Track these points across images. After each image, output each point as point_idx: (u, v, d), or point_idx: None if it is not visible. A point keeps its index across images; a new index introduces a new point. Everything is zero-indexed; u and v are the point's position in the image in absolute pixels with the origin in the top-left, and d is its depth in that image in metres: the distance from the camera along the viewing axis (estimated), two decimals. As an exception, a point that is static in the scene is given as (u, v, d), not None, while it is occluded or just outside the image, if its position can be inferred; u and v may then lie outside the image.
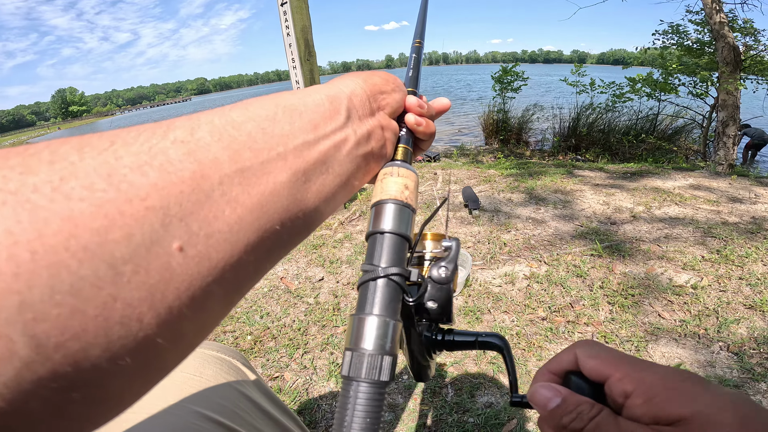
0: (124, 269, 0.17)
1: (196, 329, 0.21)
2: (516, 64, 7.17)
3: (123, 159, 0.19)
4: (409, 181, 0.33)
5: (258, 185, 0.23)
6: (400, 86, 0.37)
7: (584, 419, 0.27)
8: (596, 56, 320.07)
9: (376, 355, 0.25)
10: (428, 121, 0.38)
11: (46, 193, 0.16)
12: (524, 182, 3.35)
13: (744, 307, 1.65)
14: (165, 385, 0.51)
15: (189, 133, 0.22)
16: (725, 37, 4.76)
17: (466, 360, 1.46)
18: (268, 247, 0.24)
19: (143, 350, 0.18)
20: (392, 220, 0.30)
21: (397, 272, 0.28)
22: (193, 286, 0.19)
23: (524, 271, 2.00)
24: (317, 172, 0.27)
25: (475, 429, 1.20)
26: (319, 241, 2.44)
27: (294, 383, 1.41)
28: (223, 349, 0.62)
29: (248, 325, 1.73)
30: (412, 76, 0.43)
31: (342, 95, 0.31)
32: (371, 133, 0.32)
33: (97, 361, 0.16)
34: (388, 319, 0.26)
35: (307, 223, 0.27)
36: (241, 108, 0.26)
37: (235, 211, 0.21)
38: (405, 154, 0.36)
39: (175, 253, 0.19)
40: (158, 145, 0.20)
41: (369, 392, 0.24)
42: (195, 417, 0.47)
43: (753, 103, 6.35)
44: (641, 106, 6.59)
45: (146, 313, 0.18)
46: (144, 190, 0.18)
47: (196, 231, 0.20)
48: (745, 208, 2.64)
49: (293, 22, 2.33)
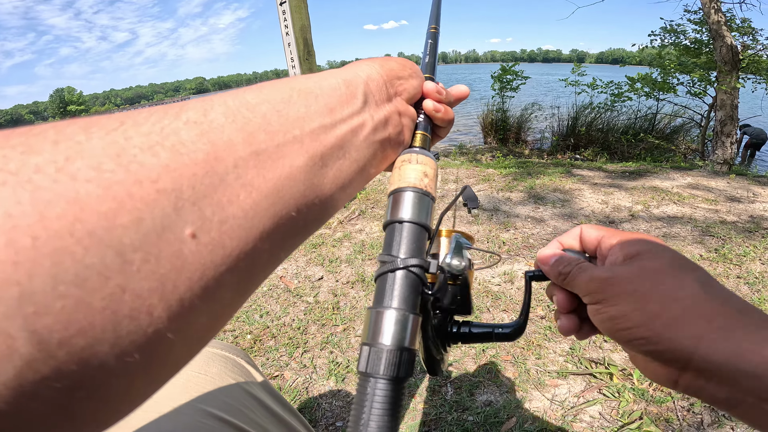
0: (133, 257, 0.15)
1: (207, 323, 0.20)
2: (516, 63, 7.17)
3: (133, 139, 0.17)
4: (428, 168, 0.32)
5: (274, 169, 0.22)
6: (418, 72, 0.37)
7: (572, 265, 0.36)
8: (595, 55, 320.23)
9: (395, 350, 0.24)
10: (447, 108, 0.38)
11: (50, 174, 0.15)
12: (523, 181, 3.35)
13: (742, 306, 1.65)
14: (171, 383, 0.50)
15: (202, 114, 0.21)
16: (723, 37, 4.76)
17: (466, 358, 1.46)
18: (284, 235, 0.23)
19: (153, 346, 0.17)
20: (411, 208, 0.29)
21: (417, 263, 0.27)
22: (206, 276, 0.18)
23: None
24: (334, 157, 0.26)
25: (474, 427, 1.20)
26: (319, 240, 2.44)
27: (294, 382, 1.41)
28: (227, 347, 0.62)
29: (248, 324, 1.73)
30: (428, 62, 0.42)
31: (358, 79, 0.30)
32: (388, 119, 0.31)
33: (104, 359, 0.15)
34: (408, 312, 0.25)
35: (324, 210, 0.26)
36: (255, 90, 0.25)
37: (251, 195, 0.20)
38: (423, 140, 0.35)
39: (187, 239, 0.17)
40: (170, 126, 0.19)
41: (388, 389, 0.23)
42: (201, 415, 0.47)
43: (754, 102, 6.36)
44: (640, 106, 6.60)
45: (157, 305, 0.16)
46: (155, 171, 0.17)
47: (209, 216, 0.18)
48: (743, 207, 2.65)
49: (292, 21, 2.33)
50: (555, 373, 1.38)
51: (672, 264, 0.31)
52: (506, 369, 1.41)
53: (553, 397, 1.29)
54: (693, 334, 0.28)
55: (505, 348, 1.50)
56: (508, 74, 7.03)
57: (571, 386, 1.33)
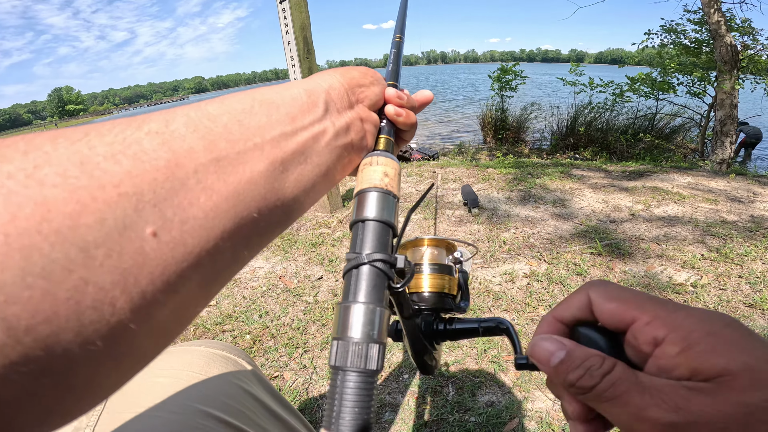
0: (96, 253, 0.17)
1: (172, 316, 0.21)
2: (516, 63, 7.17)
3: (96, 148, 0.19)
4: (389, 168, 0.33)
5: (234, 174, 0.23)
6: (379, 79, 0.38)
7: (595, 376, 0.23)
8: (594, 55, 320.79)
9: (362, 343, 0.25)
10: (408, 112, 0.39)
11: (20, 180, 0.16)
12: (523, 181, 3.34)
13: (744, 306, 1.65)
14: (171, 384, 0.51)
15: (164, 125, 0.22)
16: (723, 37, 4.76)
17: (467, 358, 1.45)
18: (246, 235, 0.24)
19: (116, 335, 0.18)
20: (374, 207, 0.31)
21: (381, 258, 0.27)
22: (167, 271, 0.19)
23: (524, 270, 1.99)
24: (295, 162, 0.27)
25: (476, 428, 1.19)
26: (318, 239, 2.43)
27: (294, 382, 1.40)
28: (227, 348, 0.62)
29: (247, 324, 1.72)
30: (392, 70, 0.44)
31: (320, 89, 0.31)
32: (350, 125, 0.32)
33: (68, 346, 0.16)
34: (374, 306, 0.26)
35: (286, 212, 0.27)
36: (217, 102, 0.26)
37: (211, 198, 0.22)
38: (387, 144, 0.37)
39: (148, 237, 0.19)
40: (132, 136, 0.20)
41: (357, 381, 0.23)
42: (201, 416, 0.47)
43: (754, 102, 6.37)
44: (639, 105, 6.60)
45: (119, 297, 0.17)
46: (117, 177, 0.18)
47: (170, 217, 0.20)
48: (744, 207, 2.65)
49: (292, 19, 2.32)
50: (557, 374, 1.37)
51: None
52: (508, 369, 1.40)
53: (556, 399, 1.28)
54: None
55: (506, 348, 1.49)
56: (508, 74, 7.03)
57: (574, 387, 1.32)
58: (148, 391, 0.49)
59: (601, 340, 0.26)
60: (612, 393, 0.22)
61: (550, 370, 0.26)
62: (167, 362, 0.55)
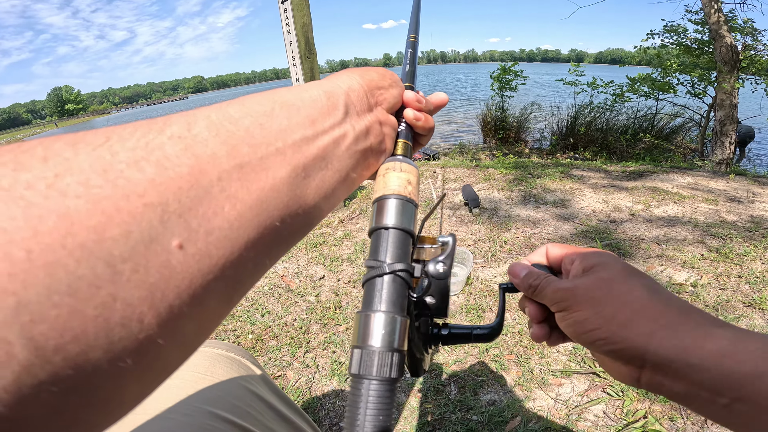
0: (123, 268, 0.16)
1: (197, 328, 0.21)
2: (515, 63, 7.17)
3: (119, 154, 0.18)
4: (411, 176, 0.33)
5: (257, 181, 0.23)
6: (398, 81, 0.37)
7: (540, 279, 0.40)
8: (594, 55, 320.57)
9: (385, 352, 0.25)
10: (427, 116, 0.38)
11: (41, 190, 0.15)
12: (523, 181, 3.35)
13: (743, 305, 1.66)
14: (177, 386, 0.51)
15: (186, 128, 0.21)
16: (723, 37, 4.77)
17: (469, 357, 1.46)
18: (268, 244, 0.24)
19: (144, 351, 0.17)
20: (396, 215, 0.30)
21: (403, 268, 0.28)
22: (194, 284, 0.19)
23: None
24: (317, 168, 0.27)
25: (478, 427, 1.20)
26: (320, 239, 2.44)
27: (296, 382, 1.41)
28: (232, 349, 0.62)
29: (249, 324, 1.73)
30: (408, 71, 0.43)
31: (339, 91, 0.31)
32: (370, 129, 0.32)
33: (98, 364, 0.16)
34: (396, 315, 0.26)
35: (307, 219, 0.27)
36: (237, 104, 0.25)
37: (235, 207, 0.21)
38: (405, 148, 0.36)
39: (174, 250, 0.18)
40: (155, 141, 0.20)
41: (380, 390, 0.24)
42: (208, 417, 0.47)
43: (754, 102, 6.37)
44: (639, 105, 6.61)
45: (147, 312, 0.17)
46: (141, 186, 0.18)
47: (195, 228, 0.19)
48: (744, 207, 2.66)
49: (294, 19, 2.33)
50: (559, 372, 1.38)
51: (622, 273, 0.36)
52: (510, 368, 1.41)
53: (557, 396, 1.29)
54: (643, 332, 0.32)
55: (508, 347, 1.50)
56: (508, 74, 7.03)
57: (575, 385, 1.33)
58: (157, 394, 0.49)
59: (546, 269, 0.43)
60: (544, 284, 0.39)
61: (519, 281, 0.42)
62: None
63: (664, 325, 0.31)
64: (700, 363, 0.28)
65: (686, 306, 0.33)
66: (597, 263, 0.38)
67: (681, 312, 0.32)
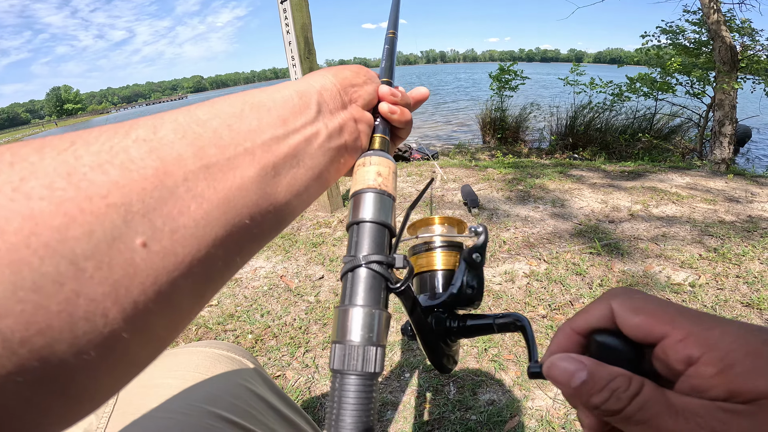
0: (85, 265, 0.17)
1: (165, 324, 0.21)
2: (514, 62, 7.17)
3: (83, 158, 0.19)
4: (382, 167, 0.33)
5: (224, 180, 0.23)
6: (373, 78, 0.37)
7: (622, 399, 0.21)
8: (593, 55, 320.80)
9: (362, 346, 0.25)
10: (402, 109, 0.38)
11: (7, 193, 0.16)
12: (522, 180, 3.36)
13: (741, 305, 1.66)
14: (177, 385, 0.51)
15: (152, 131, 0.22)
16: (722, 37, 4.78)
17: (468, 357, 1.47)
18: (238, 242, 0.24)
19: (110, 345, 0.18)
20: (370, 208, 0.30)
21: (378, 260, 0.27)
22: (159, 281, 0.19)
23: (524, 269, 2.00)
24: (287, 166, 0.27)
25: (477, 426, 1.20)
26: (319, 239, 2.44)
27: (296, 382, 1.41)
28: (232, 348, 0.63)
29: (249, 324, 1.73)
30: (386, 66, 0.43)
31: (312, 90, 0.31)
32: (343, 126, 0.32)
33: (63, 356, 0.16)
34: (372, 308, 0.26)
35: (279, 217, 0.27)
36: (207, 106, 0.26)
37: (201, 206, 0.22)
38: (382, 143, 0.36)
39: (138, 248, 0.19)
40: (120, 144, 0.20)
41: (358, 384, 0.24)
42: (209, 417, 0.47)
43: (753, 103, 6.38)
44: (638, 105, 6.61)
45: (111, 308, 0.18)
46: (105, 187, 0.18)
47: (160, 227, 0.20)
48: (742, 207, 2.66)
49: (293, 19, 2.33)
50: (557, 373, 1.38)
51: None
52: (508, 368, 1.41)
53: (556, 396, 1.29)
54: None
55: (507, 347, 1.50)
56: (507, 74, 7.03)
57: (573, 385, 1.33)
58: (157, 393, 0.49)
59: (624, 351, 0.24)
60: (642, 416, 0.21)
61: (570, 391, 0.24)
62: (174, 364, 0.55)
63: None
64: None
65: None
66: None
67: None
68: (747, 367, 0.19)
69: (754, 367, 0.19)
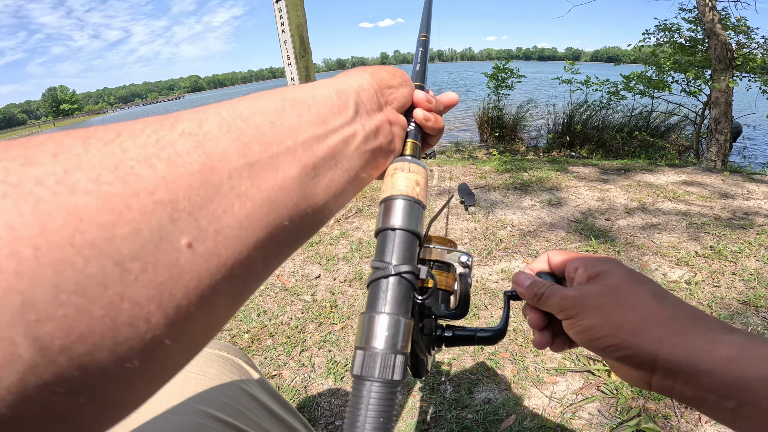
0: (131, 266, 0.16)
1: (203, 328, 0.20)
2: (509, 60, 7.18)
3: (130, 151, 0.18)
4: (419, 177, 0.33)
5: (267, 179, 0.22)
6: (408, 81, 0.37)
7: (544, 287, 0.40)
8: (590, 53, 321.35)
9: (388, 354, 0.25)
10: (437, 116, 0.38)
11: (50, 186, 0.15)
12: (519, 178, 3.36)
13: (737, 302, 1.67)
14: (169, 384, 0.50)
15: (197, 125, 0.21)
16: (718, 35, 4.79)
17: (464, 356, 1.46)
18: (277, 244, 0.23)
19: (151, 352, 0.17)
20: (403, 216, 0.30)
21: (409, 270, 0.27)
22: (202, 284, 0.19)
23: (521, 267, 2.00)
24: (326, 167, 0.26)
25: (473, 425, 1.20)
26: (315, 238, 2.43)
27: (292, 381, 1.40)
28: (225, 348, 0.62)
29: (245, 323, 1.72)
30: (419, 71, 0.42)
31: (350, 89, 0.30)
32: (379, 128, 0.31)
33: (104, 364, 0.15)
34: (400, 317, 0.26)
35: (316, 219, 0.26)
36: (249, 101, 0.25)
37: (245, 206, 0.21)
38: (414, 149, 0.36)
39: (183, 249, 0.18)
40: (166, 137, 0.19)
41: (382, 392, 0.24)
42: (200, 416, 0.47)
43: (750, 100, 6.40)
44: (635, 104, 6.63)
45: (154, 312, 0.17)
46: (152, 183, 0.17)
47: (205, 226, 0.19)
48: (738, 204, 2.67)
49: (288, 19, 2.32)
50: (553, 371, 1.38)
51: (628, 279, 0.36)
52: (505, 367, 1.41)
53: (552, 395, 1.29)
54: (653, 338, 0.32)
55: (503, 346, 1.50)
56: (502, 72, 7.04)
57: (570, 383, 1.33)
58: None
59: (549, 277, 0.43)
60: (549, 292, 0.39)
61: (524, 289, 0.42)
62: None
63: (674, 330, 0.32)
64: (709, 368, 0.29)
65: (695, 312, 0.33)
66: (602, 270, 0.38)
67: (690, 317, 0.33)
68: (596, 265, 0.39)
69: (599, 264, 0.39)
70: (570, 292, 0.38)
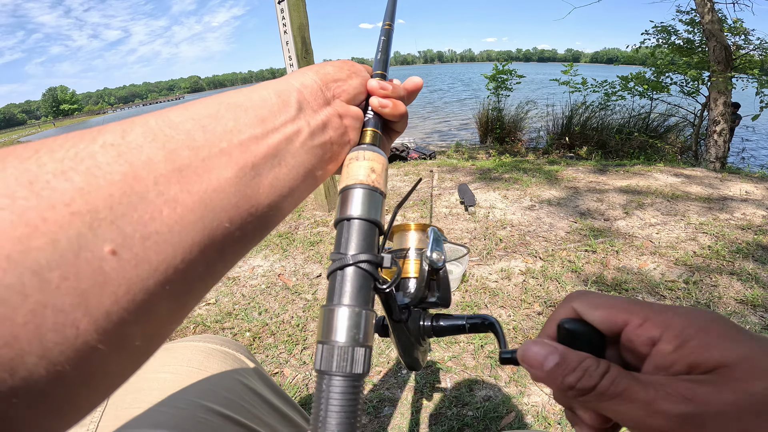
0: (50, 276, 0.17)
1: (144, 334, 0.20)
2: (507, 62, 7.20)
3: (46, 166, 0.18)
4: (375, 163, 0.32)
5: (199, 183, 0.22)
6: (358, 71, 0.37)
7: (594, 375, 0.23)
8: (590, 55, 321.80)
9: (348, 347, 0.24)
10: (395, 102, 0.37)
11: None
12: (519, 179, 3.37)
13: (735, 302, 1.68)
14: (170, 380, 0.51)
15: (120, 136, 0.21)
16: (716, 37, 4.81)
17: (465, 354, 1.48)
18: (219, 247, 0.23)
19: (84, 357, 0.18)
20: (360, 205, 0.29)
21: (366, 259, 0.27)
22: (132, 290, 0.19)
23: (520, 267, 2.02)
24: (268, 166, 0.26)
25: (474, 422, 1.21)
26: (316, 237, 2.45)
27: (293, 379, 1.42)
28: (226, 343, 0.62)
29: (246, 322, 1.74)
30: (381, 59, 0.42)
31: (291, 88, 0.30)
32: (327, 123, 0.31)
33: (33, 368, 0.16)
34: (359, 308, 0.25)
35: (263, 218, 0.26)
36: (180, 108, 0.25)
37: (175, 210, 0.21)
38: (373, 137, 0.35)
39: (107, 256, 0.18)
40: (85, 150, 0.20)
41: (343, 386, 0.23)
42: (202, 410, 0.47)
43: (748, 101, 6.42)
44: (634, 105, 6.64)
45: (81, 318, 0.17)
46: (68, 195, 0.18)
47: (130, 233, 0.19)
48: (736, 205, 2.69)
49: (290, 19, 2.33)
50: (552, 368, 1.39)
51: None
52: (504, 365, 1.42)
53: (551, 392, 1.30)
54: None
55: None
56: (502, 74, 7.05)
57: (569, 381, 1.34)
58: (150, 387, 0.49)
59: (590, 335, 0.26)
60: (614, 390, 0.22)
61: (543, 374, 0.25)
62: (167, 358, 0.55)
63: None
64: None
65: None
66: (730, 359, 0.21)
67: None
68: (701, 341, 0.22)
69: (707, 340, 0.22)
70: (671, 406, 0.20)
